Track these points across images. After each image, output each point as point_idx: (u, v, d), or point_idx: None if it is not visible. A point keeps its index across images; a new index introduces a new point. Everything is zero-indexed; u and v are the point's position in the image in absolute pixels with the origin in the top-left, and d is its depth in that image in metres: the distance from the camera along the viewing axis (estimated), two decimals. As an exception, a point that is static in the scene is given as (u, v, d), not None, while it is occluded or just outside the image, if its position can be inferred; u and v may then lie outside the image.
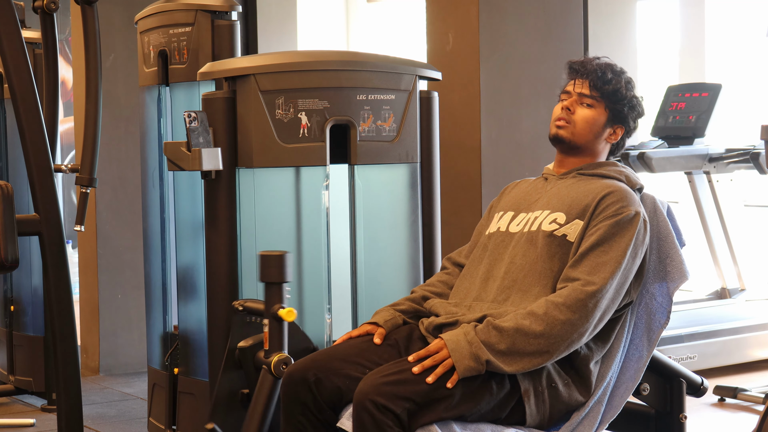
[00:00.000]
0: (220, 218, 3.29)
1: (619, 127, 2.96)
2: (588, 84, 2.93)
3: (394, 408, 2.50)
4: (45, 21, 3.87)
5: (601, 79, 2.92)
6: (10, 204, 2.86)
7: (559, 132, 2.93)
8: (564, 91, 2.97)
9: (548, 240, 2.78)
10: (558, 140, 2.94)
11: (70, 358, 3.00)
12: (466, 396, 2.59)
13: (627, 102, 2.94)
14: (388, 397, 2.51)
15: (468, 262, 2.96)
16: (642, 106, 3.00)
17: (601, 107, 2.93)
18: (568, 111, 2.93)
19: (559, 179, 2.94)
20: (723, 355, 5.15)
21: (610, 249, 2.71)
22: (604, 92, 2.92)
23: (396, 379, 2.55)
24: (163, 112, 3.87)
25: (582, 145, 2.93)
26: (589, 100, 2.92)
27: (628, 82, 2.96)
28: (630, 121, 2.97)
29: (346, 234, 3.42)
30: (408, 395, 2.53)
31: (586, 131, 2.92)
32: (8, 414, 4.72)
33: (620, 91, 2.93)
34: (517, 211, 2.92)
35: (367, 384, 2.55)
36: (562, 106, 2.94)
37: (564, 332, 2.62)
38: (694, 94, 5.36)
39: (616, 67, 2.97)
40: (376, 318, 2.89)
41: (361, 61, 3.42)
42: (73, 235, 6.94)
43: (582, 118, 2.92)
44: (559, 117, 2.93)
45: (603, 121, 2.93)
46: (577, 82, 2.95)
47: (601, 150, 2.96)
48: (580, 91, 2.93)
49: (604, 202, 2.78)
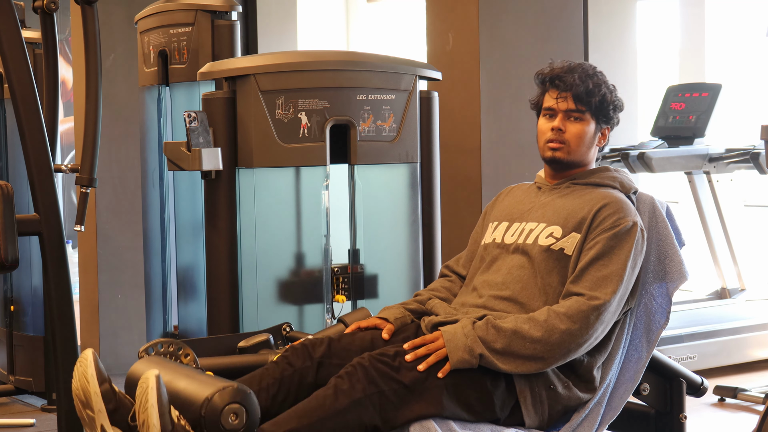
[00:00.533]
0: (220, 218, 3.29)
1: (606, 128, 2.91)
2: (571, 98, 2.85)
3: (382, 385, 2.51)
4: (45, 21, 3.87)
5: (585, 91, 2.84)
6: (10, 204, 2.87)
7: (556, 155, 2.86)
8: (546, 108, 2.88)
9: (545, 255, 2.77)
10: (555, 162, 2.89)
11: (70, 358, 3.00)
12: (458, 389, 2.58)
13: (614, 106, 2.88)
14: (380, 373, 2.52)
15: (468, 274, 2.96)
16: (620, 100, 2.92)
17: (588, 117, 2.86)
18: (560, 131, 2.85)
19: (552, 189, 2.93)
20: (723, 355, 5.15)
21: (610, 262, 2.70)
22: (590, 104, 2.85)
23: (390, 362, 2.55)
24: (163, 112, 3.87)
25: (580, 161, 2.90)
26: (577, 114, 2.85)
27: (609, 86, 2.88)
28: (615, 120, 2.92)
29: (346, 234, 3.42)
30: (398, 378, 2.53)
31: (582, 146, 2.87)
32: (8, 414, 4.72)
33: (606, 97, 2.86)
34: (511, 221, 2.91)
35: (363, 357, 2.56)
36: (552, 127, 2.86)
37: (562, 341, 2.62)
38: (694, 94, 5.36)
39: (590, 71, 2.88)
40: (386, 314, 2.88)
41: (361, 61, 3.42)
42: (73, 235, 6.94)
43: (575, 136, 2.86)
44: (551, 139, 2.85)
45: (593, 131, 2.88)
46: (560, 98, 2.86)
47: (593, 156, 2.94)
48: (566, 107, 2.85)
49: (601, 214, 2.76)
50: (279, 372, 2.63)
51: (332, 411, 2.47)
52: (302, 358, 2.66)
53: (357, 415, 2.48)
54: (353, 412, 2.48)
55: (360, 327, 2.86)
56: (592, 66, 2.92)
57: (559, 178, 2.94)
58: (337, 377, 2.52)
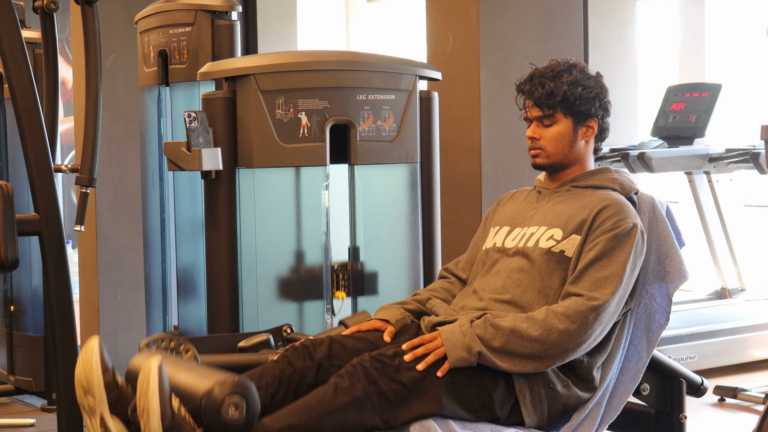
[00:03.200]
0: (220, 218, 3.29)
1: (590, 121, 2.89)
2: (533, 104, 2.88)
3: (382, 385, 2.51)
4: (45, 21, 3.87)
5: (544, 95, 2.85)
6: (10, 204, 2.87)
7: (536, 161, 2.92)
8: (524, 117, 2.93)
9: (546, 257, 2.78)
10: (539, 168, 2.94)
11: (70, 358, 3.00)
12: (457, 387, 2.59)
13: (580, 99, 2.86)
14: (379, 372, 2.52)
15: (469, 280, 2.96)
16: (600, 88, 2.89)
17: (561, 117, 2.87)
18: (534, 139, 2.89)
19: (552, 192, 2.93)
20: (723, 355, 5.15)
21: (609, 263, 2.70)
22: (553, 105, 2.86)
23: (389, 363, 2.55)
24: (163, 112, 3.87)
25: (563, 160, 2.91)
26: (547, 120, 2.87)
27: (572, 81, 2.85)
28: (596, 111, 2.89)
29: (346, 234, 3.42)
30: (398, 378, 2.53)
31: (559, 148, 2.89)
32: (8, 414, 4.72)
33: (567, 96, 2.85)
34: (512, 226, 2.92)
35: (362, 357, 2.56)
36: (527, 136, 2.91)
37: (560, 340, 2.62)
38: (694, 94, 5.36)
39: (556, 69, 2.88)
40: (386, 315, 2.87)
41: (361, 61, 3.42)
42: (73, 235, 6.94)
43: (549, 140, 2.88)
44: (529, 147, 2.92)
45: (570, 129, 2.88)
46: (528, 106, 2.90)
47: (585, 150, 2.92)
48: (533, 115, 2.89)
49: (601, 216, 2.77)
50: (279, 371, 2.63)
51: (332, 408, 2.47)
52: (303, 358, 2.66)
53: (357, 413, 2.48)
54: (353, 410, 2.48)
55: (360, 329, 2.86)
56: (562, 62, 2.90)
57: (558, 180, 2.95)
58: (338, 376, 2.52)
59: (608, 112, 2.94)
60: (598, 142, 2.96)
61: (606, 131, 2.95)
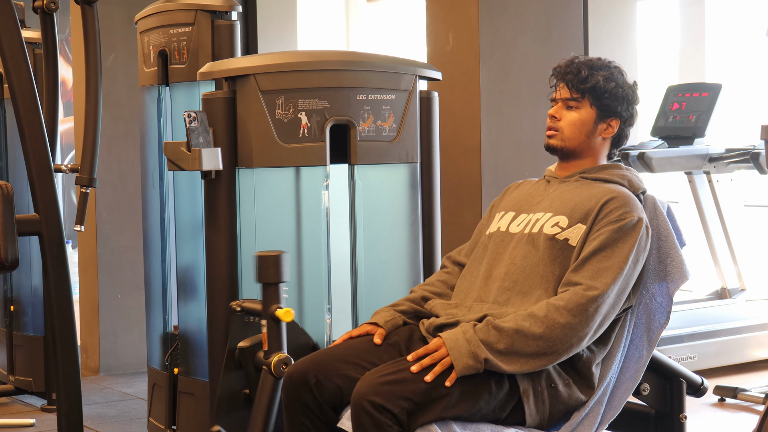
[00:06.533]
0: (220, 218, 3.29)
1: (612, 120, 2.93)
2: (565, 85, 2.92)
3: (392, 408, 2.50)
4: (45, 21, 3.87)
5: (577, 78, 2.90)
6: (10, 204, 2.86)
7: (550, 141, 2.93)
8: (552, 98, 2.96)
9: (550, 243, 2.77)
10: (551, 149, 2.94)
11: (70, 358, 3.00)
12: (465, 395, 2.59)
13: (610, 94, 2.90)
14: (386, 397, 2.51)
15: (468, 262, 2.96)
16: (632, 93, 2.96)
17: (587, 105, 2.91)
18: (555, 119, 2.92)
19: (561, 182, 2.93)
20: (723, 355, 5.15)
21: (612, 254, 2.70)
22: (584, 90, 2.89)
23: (394, 379, 2.55)
24: (163, 112, 3.87)
25: (576, 148, 2.92)
26: (573, 103, 2.91)
27: (608, 76, 2.91)
28: (622, 112, 2.93)
29: (346, 234, 3.42)
30: (406, 395, 2.53)
31: (576, 134, 2.91)
32: (8, 414, 4.72)
33: (599, 85, 2.89)
34: (518, 212, 2.92)
35: (365, 384, 2.55)
36: (549, 114, 2.94)
37: (563, 335, 2.62)
38: (694, 94, 5.36)
39: (596, 63, 2.93)
40: (376, 318, 2.88)
41: (361, 61, 3.42)
42: (73, 235, 6.94)
43: (568, 123, 2.90)
44: (548, 126, 2.93)
45: (592, 120, 2.91)
46: (560, 87, 2.94)
47: (600, 147, 2.94)
48: (561, 96, 2.92)
49: (607, 207, 2.77)
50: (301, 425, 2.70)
51: None
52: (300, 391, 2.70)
53: None
54: None
55: (352, 335, 2.86)
56: (604, 60, 2.95)
57: (568, 170, 2.95)
58: None
59: (632, 120, 2.97)
60: (613, 148, 2.97)
61: (624, 139, 2.98)
